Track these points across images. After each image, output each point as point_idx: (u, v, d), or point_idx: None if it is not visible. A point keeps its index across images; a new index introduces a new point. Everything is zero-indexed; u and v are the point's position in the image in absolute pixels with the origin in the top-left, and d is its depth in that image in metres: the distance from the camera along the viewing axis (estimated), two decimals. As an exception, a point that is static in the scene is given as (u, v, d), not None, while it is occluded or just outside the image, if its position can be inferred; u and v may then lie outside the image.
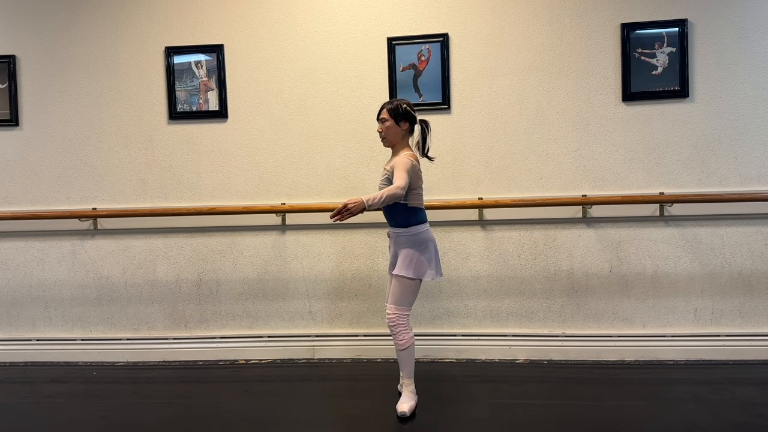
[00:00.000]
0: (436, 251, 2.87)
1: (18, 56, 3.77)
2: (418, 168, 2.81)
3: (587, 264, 3.54)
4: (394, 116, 2.83)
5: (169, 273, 3.76)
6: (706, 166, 3.46)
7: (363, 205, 2.56)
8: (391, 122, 2.83)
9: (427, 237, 2.84)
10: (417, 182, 2.81)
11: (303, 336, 3.71)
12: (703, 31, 3.42)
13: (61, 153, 3.78)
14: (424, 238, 2.82)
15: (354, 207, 2.55)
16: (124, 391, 3.25)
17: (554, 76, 3.51)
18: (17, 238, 3.82)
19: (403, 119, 2.84)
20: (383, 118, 2.85)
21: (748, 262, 3.47)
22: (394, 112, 2.83)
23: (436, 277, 2.85)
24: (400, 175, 2.69)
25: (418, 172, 2.82)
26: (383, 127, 2.85)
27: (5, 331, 3.86)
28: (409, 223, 2.81)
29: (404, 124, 2.85)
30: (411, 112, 2.85)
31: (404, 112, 2.83)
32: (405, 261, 2.79)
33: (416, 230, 2.81)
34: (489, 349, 3.59)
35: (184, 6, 3.68)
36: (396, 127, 2.84)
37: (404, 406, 2.81)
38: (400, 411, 2.79)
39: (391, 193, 2.62)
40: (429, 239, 2.84)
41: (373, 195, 2.61)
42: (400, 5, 3.57)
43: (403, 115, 2.84)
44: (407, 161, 2.74)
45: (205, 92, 3.69)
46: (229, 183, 3.71)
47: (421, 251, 2.80)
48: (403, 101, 2.87)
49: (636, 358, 3.50)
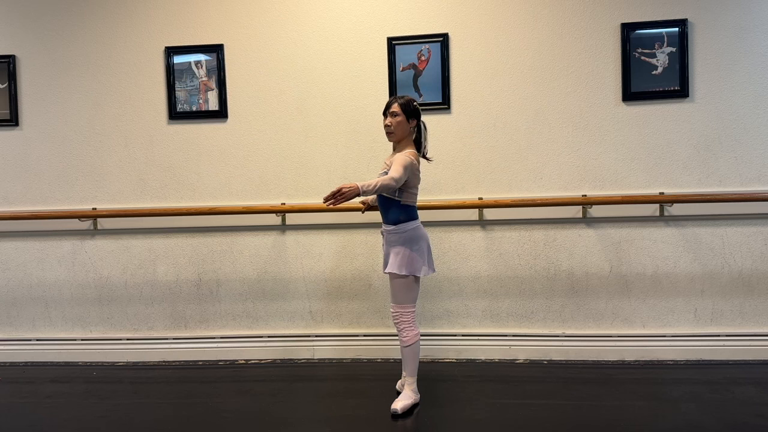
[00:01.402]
0: (428, 247, 2.90)
1: (18, 56, 3.77)
2: (417, 167, 2.82)
3: (587, 264, 3.54)
4: (405, 111, 2.83)
5: (169, 273, 3.76)
6: (706, 166, 3.46)
7: (357, 191, 2.55)
8: (402, 117, 2.82)
9: (418, 234, 2.85)
10: (414, 181, 2.83)
11: (303, 336, 3.70)
12: (703, 31, 3.42)
13: (61, 153, 3.78)
14: (416, 235, 2.84)
15: (348, 192, 2.53)
16: (124, 391, 3.25)
17: (554, 76, 3.51)
18: (17, 238, 3.82)
19: (413, 116, 2.86)
20: (394, 112, 2.83)
21: (748, 262, 3.47)
22: (406, 107, 2.83)
23: (428, 272, 2.88)
24: (396, 168, 2.69)
25: (417, 172, 2.83)
26: (393, 121, 2.83)
27: (5, 331, 3.86)
28: (400, 221, 2.83)
29: (413, 121, 2.87)
30: (419, 111, 2.90)
31: (414, 109, 2.86)
32: (397, 259, 2.80)
33: (407, 227, 2.83)
34: (489, 349, 3.59)
35: (184, 6, 3.68)
36: (406, 123, 2.84)
37: (398, 404, 2.83)
38: (393, 408, 2.80)
39: (385, 183, 2.62)
40: (420, 236, 2.86)
41: (368, 182, 2.60)
42: (400, 5, 3.57)
43: (413, 112, 2.86)
44: (407, 158, 2.75)
45: (205, 92, 3.69)
46: (229, 183, 3.71)
47: (413, 248, 2.81)
48: (411, 98, 2.89)
49: (636, 358, 3.50)
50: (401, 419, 2.77)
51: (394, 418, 2.78)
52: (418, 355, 2.89)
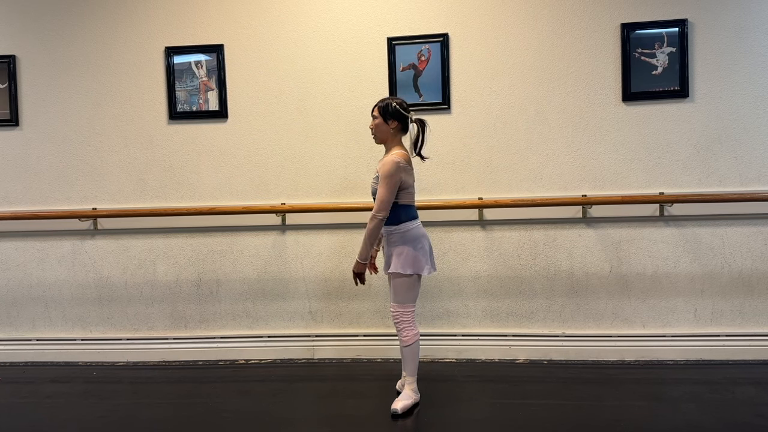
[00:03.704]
0: (429, 246, 2.91)
1: (18, 56, 3.77)
2: (404, 167, 2.79)
3: (587, 264, 3.54)
4: (383, 114, 2.86)
5: (169, 273, 3.76)
6: (706, 166, 3.46)
7: (359, 264, 2.83)
8: (380, 120, 2.86)
9: (419, 233, 2.85)
10: (408, 181, 2.82)
11: (303, 336, 3.70)
12: (703, 31, 3.42)
13: (61, 153, 3.78)
14: (417, 234, 2.84)
15: (358, 271, 2.84)
16: (124, 391, 3.25)
17: (554, 76, 3.51)
18: (17, 238, 3.82)
19: (392, 118, 2.84)
20: (374, 115, 2.89)
21: (748, 262, 3.47)
22: (384, 110, 2.85)
23: (431, 271, 2.89)
24: (380, 192, 2.77)
25: (407, 171, 2.80)
26: (373, 124, 2.90)
27: (5, 331, 3.86)
28: (400, 220, 2.83)
29: (393, 122, 2.85)
30: (400, 112, 2.84)
31: (393, 111, 2.84)
32: (400, 258, 2.80)
33: (408, 227, 2.83)
34: (489, 349, 3.59)
35: (184, 6, 3.68)
36: (384, 125, 2.85)
37: (398, 404, 2.83)
38: (393, 408, 2.80)
39: (368, 234, 2.78)
40: (421, 235, 2.86)
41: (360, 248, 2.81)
42: (400, 5, 3.57)
43: (392, 114, 2.84)
44: (390, 167, 2.75)
45: (205, 92, 3.69)
46: (229, 183, 3.71)
47: (415, 247, 2.81)
48: (395, 100, 2.87)
49: (636, 358, 3.50)
50: (401, 419, 2.78)
51: (394, 418, 2.78)
52: (417, 355, 2.89)
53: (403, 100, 2.92)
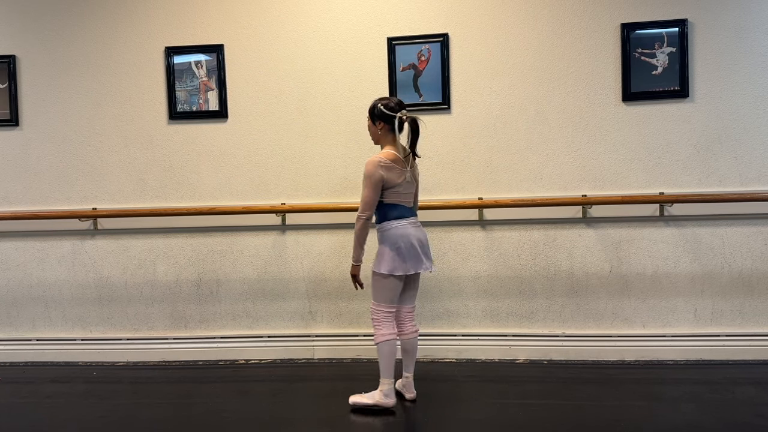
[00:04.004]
0: (410, 246, 2.79)
1: (18, 56, 3.77)
2: (386, 165, 2.75)
3: (587, 264, 3.54)
4: (370, 116, 2.89)
5: (169, 273, 3.76)
6: (706, 166, 3.46)
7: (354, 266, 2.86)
8: (369, 122, 2.91)
9: (397, 233, 2.79)
10: (392, 180, 2.77)
11: (303, 336, 3.70)
12: (703, 31, 3.42)
13: (61, 153, 3.78)
14: (395, 234, 2.80)
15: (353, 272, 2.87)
16: (124, 391, 3.25)
17: (554, 76, 3.51)
18: (17, 238, 3.82)
19: (378, 119, 2.84)
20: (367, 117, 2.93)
21: (748, 262, 3.47)
22: (371, 112, 2.88)
23: (409, 271, 2.81)
24: (362, 192, 2.81)
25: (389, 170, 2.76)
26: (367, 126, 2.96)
27: (5, 331, 3.86)
28: (382, 220, 2.85)
29: (379, 123, 2.84)
30: (384, 112, 2.80)
31: (378, 112, 2.83)
32: (377, 257, 2.84)
33: (387, 227, 2.83)
34: (489, 349, 3.59)
35: (184, 6, 3.68)
36: (372, 126, 2.89)
37: (356, 397, 2.91)
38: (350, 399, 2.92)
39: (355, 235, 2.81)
40: (400, 235, 2.79)
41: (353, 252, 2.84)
42: (400, 5, 3.57)
43: (378, 115, 2.83)
44: (369, 167, 2.77)
45: (205, 92, 3.69)
46: (229, 183, 3.71)
47: (391, 247, 2.80)
48: (382, 101, 2.84)
49: (636, 358, 3.50)
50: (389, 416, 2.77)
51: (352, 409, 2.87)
52: (388, 356, 2.81)
53: (394, 100, 2.85)
